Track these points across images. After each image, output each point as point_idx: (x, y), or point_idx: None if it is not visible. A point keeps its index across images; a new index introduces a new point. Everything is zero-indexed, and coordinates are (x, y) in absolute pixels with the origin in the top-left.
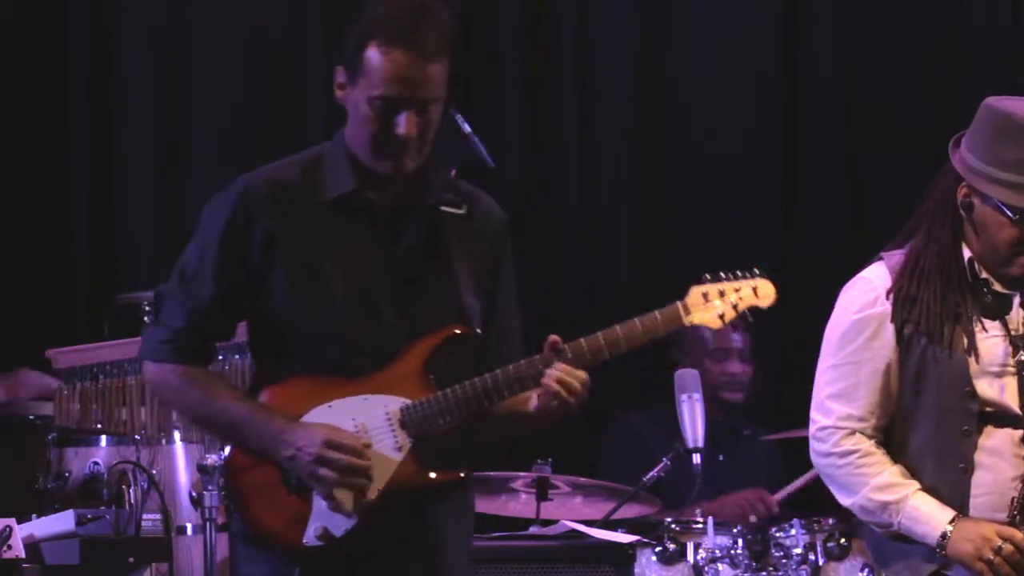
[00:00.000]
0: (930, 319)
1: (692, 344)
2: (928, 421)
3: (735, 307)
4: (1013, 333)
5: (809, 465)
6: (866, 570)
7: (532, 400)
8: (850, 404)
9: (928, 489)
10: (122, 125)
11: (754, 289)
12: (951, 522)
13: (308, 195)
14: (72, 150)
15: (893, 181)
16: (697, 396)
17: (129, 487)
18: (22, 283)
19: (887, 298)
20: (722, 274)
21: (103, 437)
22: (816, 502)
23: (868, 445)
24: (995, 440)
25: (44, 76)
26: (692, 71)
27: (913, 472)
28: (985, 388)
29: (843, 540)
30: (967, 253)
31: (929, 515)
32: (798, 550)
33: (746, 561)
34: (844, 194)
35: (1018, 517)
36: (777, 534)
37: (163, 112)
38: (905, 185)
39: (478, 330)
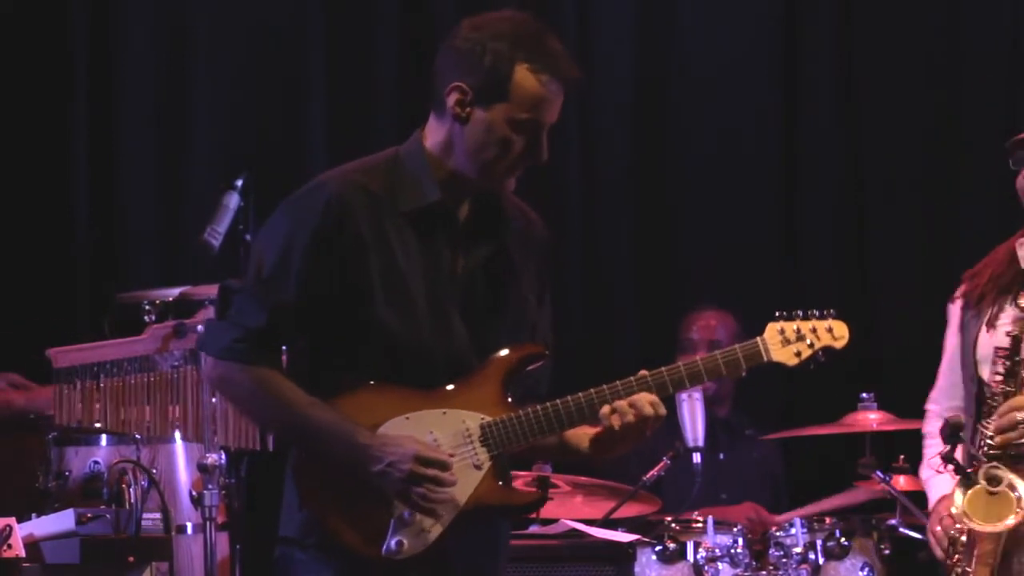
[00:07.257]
0: (973, 300)
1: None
2: (966, 401)
3: (811, 346)
4: None
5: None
6: (866, 569)
7: (589, 436)
8: (935, 388)
9: None
10: (123, 123)
11: (829, 330)
12: (939, 500)
13: (391, 202)
14: (73, 148)
15: (894, 176)
16: (697, 395)
17: (129, 486)
18: (23, 282)
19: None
20: (797, 313)
21: (103, 436)
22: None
23: (936, 427)
24: None
25: (45, 73)
26: (693, 70)
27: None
28: (988, 373)
29: (843, 539)
30: None
31: (933, 491)
32: (798, 549)
33: (746, 560)
34: (845, 189)
35: None
36: (777, 533)
37: (163, 110)
38: (905, 180)
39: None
